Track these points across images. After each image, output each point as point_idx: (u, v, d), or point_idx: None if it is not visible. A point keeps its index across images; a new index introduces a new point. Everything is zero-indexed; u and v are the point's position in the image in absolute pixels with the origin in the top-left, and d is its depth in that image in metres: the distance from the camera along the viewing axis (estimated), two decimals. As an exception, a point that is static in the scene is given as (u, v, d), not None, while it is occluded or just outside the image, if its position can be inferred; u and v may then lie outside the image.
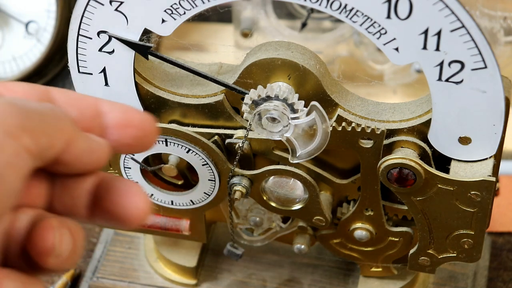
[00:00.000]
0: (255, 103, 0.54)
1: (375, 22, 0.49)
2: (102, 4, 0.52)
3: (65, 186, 0.38)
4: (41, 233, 0.35)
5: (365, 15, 0.49)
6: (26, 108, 0.34)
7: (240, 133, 0.57)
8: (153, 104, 0.58)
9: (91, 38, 0.54)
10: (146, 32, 0.53)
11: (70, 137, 0.36)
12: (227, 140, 0.57)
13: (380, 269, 0.65)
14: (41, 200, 0.38)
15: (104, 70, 0.56)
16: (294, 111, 0.53)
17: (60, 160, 0.36)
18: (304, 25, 0.83)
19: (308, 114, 0.52)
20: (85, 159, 0.37)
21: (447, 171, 0.54)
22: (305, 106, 0.53)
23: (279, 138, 0.54)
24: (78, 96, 0.39)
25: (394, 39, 0.50)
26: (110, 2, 0.52)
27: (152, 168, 0.61)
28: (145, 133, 0.39)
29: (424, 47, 0.49)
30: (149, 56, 0.54)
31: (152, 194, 0.62)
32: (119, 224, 0.38)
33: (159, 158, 0.60)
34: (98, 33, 0.54)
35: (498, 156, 0.54)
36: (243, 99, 0.55)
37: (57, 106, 0.37)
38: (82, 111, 0.38)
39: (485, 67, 0.49)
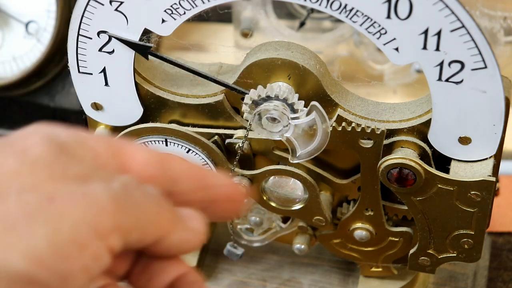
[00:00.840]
0: (255, 103, 0.54)
1: (375, 22, 0.49)
2: (102, 4, 0.52)
3: (146, 268, 0.36)
4: None
5: (365, 15, 0.49)
6: (127, 203, 0.33)
7: (240, 133, 0.57)
8: (153, 104, 0.58)
9: (91, 38, 0.54)
10: (146, 32, 0.53)
11: (164, 233, 0.34)
12: (227, 140, 0.57)
13: (380, 269, 0.65)
14: (121, 271, 0.37)
15: (104, 70, 0.56)
16: (294, 111, 0.53)
17: (146, 249, 0.35)
18: (302, 24, 0.83)
19: (308, 114, 0.52)
20: (174, 250, 0.36)
21: (447, 171, 0.54)
22: (305, 106, 0.53)
23: (279, 138, 0.54)
24: (192, 167, 0.37)
25: (394, 39, 0.50)
26: (110, 2, 0.52)
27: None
28: (241, 205, 0.39)
29: (424, 47, 0.49)
30: (149, 56, 0.54)
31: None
32: None
33: (159, 158, 0.60)
34: (98, 33, 0.54)
35: (498, 156, 0.54)
36: (243, 99, 0.55)
37: (163, 195, 0.35)
38: (193, 183, 0.37)
39: (485, 67, 0.49)
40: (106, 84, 0.56)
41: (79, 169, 0.33)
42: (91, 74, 0.56)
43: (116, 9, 0.52)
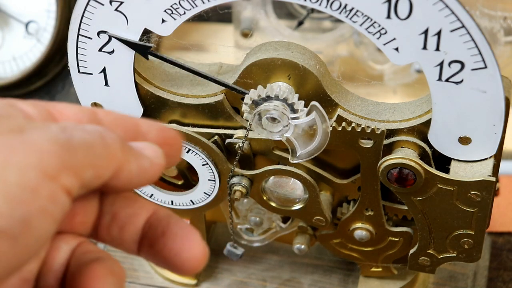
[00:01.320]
0: (255, 103, 0.54)
1: (375, 22, 0.49)
2: (102, 4, 0.52)
3: (115, 218, 0.36)
4: (88, 283, 0.34)
5: (365, 15, 0.49)
6: (70, 142, 0.33)
7: (240, 133, 0.57)
8: (153, 104, 0.58)
9: (91, 38, 0.54)
10: (146, 32, 0.53)
11: (120, 164, 0.34)
12: (227, 140, 0.57)
13: (380, 269, 0.65)
14: (86, 227, 0.36)
15: (104, 70, 0.56)
16: (294, 111, 0.53)
17: (109, 185, 0.35)
18: (300, 23, 0.83)
19: (308, 114, 0.52)
20: (136, 180, 0.35)
21: (447, 171, 0.54)
22: (305, 106, 0.53)
23: (279, 138, 0.54)
24: (121, 116, 0.38)
25: (394, 39, 0.50)
26: (110, 2, 0.52)
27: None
28: (177, 151, 0.39)
29: (424, 47, 0.49)
30: (149, 56, 0.54)
31: (152, 194, 0.62)
32: (170, 269, 0.36)
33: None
34: (98, 33, 0.54)
35: (498, 156, 0.54)
36: (243, 99, 0.55)
37: (105, 128, 0.36)
38: (126, 132, 0.37)
39: (485, 67, 0.49)
40: (106, 84, 0.56)
41: (12, 124, 0.33)
42: (91, 74, 0.56)
43: (116, 9, 0.52)
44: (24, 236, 0.31)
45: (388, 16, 0.49)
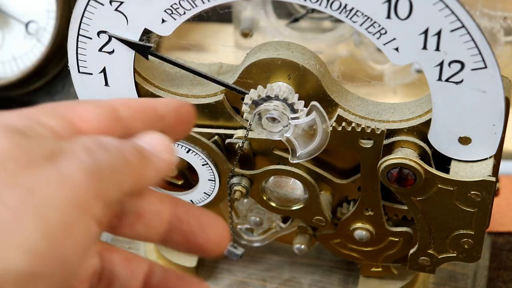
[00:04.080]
0: (255, 103, 0.54)
1: (375, 22, 0.49)
2: (102, 4, 0.52)
3: (141, 216, 0.38)
4: None
5: (365, 15, 0.49)
6: (98, 170, 0.33)
7: (240, 133, 0.57)
8: (153, 104, 0.58)
9: (91, 38, 0.54)
10: (146, 32, 0.53)
11: (139, 175, 0.35)
12: (227, 140, 0.57)
13: (380, 269, 0.65)
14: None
15: (104, 70, 0.56)
16: (294, 111, 0.53)
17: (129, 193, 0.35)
18: (296, 20, 0.83)
19: (308, 114, 0.52)
20: (154, 181, 0.36)
21: (447, 171, 0.54)
22: (305, 106, 0.53)
23: (279, 138, 0.54)
24: (138, 105, 0.38)
25: (394, 39, 0.50)
26: (110, 2, 0.52)
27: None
28: (190, 126, 0.40)
29: (424, 47, 0.49)
30: (149, 56, 0.54)
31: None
32: (196, 252, 0.39)
33: (159, 158, 0.60)
34: (98, 33, 0.54)
35: (498, 156, 0.54)
36: (243, 99, 0.55)
37: (123, 141, 0.36)
38: (145, 122, 0.38)
39: (485, 67, 0.49)
40: (106, 84, 0.56)
41: (43, 149, 0.33)
42: (91, 74, 0.56)
43: (116, 9, 0.52)
44: (61, 276, 0.31)
45: (388, 16, 0.49)
